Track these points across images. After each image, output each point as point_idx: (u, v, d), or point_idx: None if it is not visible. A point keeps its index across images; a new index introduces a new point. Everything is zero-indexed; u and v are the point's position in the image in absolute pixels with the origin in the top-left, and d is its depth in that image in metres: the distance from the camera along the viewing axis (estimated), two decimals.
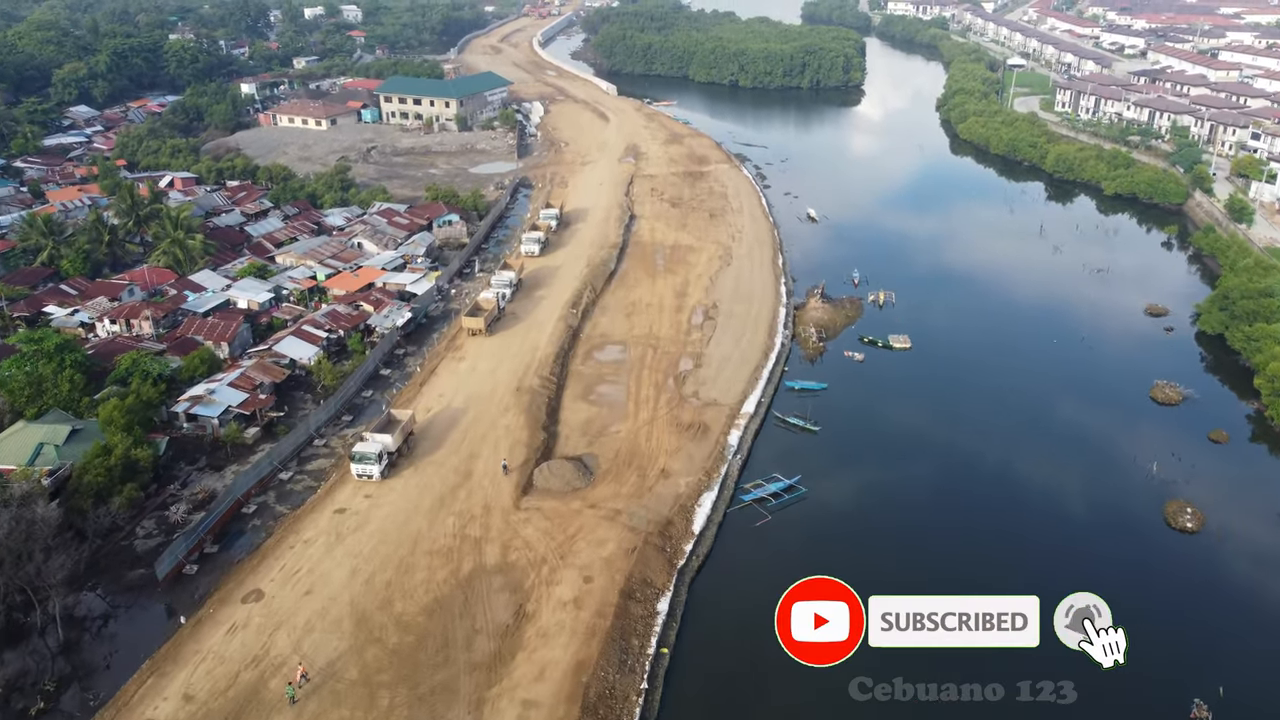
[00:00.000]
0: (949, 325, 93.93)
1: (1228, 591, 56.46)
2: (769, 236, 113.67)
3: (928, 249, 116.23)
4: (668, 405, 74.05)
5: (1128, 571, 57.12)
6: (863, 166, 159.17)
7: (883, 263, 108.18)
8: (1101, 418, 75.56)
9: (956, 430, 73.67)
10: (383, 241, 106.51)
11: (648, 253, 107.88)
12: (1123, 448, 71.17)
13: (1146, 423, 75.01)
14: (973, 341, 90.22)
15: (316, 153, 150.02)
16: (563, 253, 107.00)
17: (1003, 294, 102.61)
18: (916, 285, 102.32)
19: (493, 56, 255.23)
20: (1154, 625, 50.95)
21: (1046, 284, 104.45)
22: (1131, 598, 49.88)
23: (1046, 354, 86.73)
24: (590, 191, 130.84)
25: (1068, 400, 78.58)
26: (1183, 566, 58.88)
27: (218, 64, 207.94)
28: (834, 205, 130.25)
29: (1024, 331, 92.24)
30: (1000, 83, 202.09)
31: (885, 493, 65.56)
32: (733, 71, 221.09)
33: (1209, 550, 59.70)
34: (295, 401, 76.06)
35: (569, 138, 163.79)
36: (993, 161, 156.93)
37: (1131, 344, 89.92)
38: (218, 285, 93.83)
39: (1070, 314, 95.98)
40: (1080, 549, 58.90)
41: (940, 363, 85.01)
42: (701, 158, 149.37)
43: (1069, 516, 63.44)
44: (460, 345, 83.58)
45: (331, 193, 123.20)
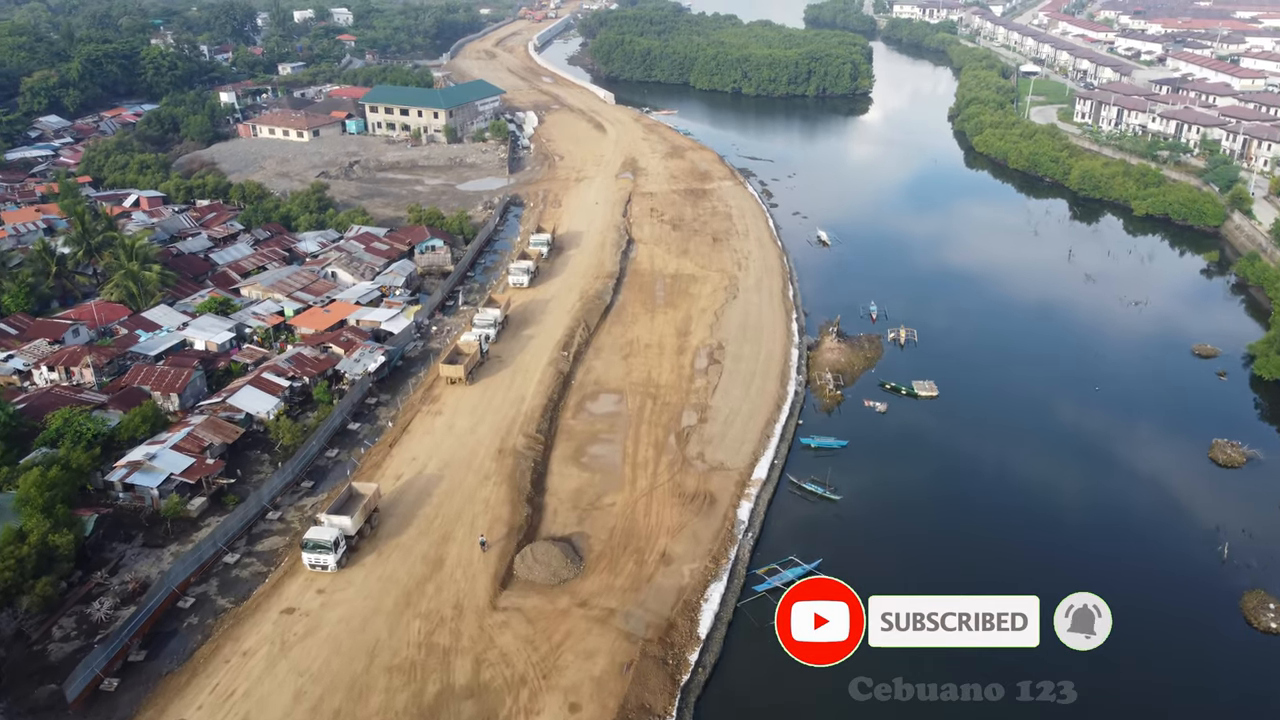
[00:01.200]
0: (977, 368, 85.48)
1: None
2: (778, 264, 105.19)
3: (948, 278, 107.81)
4: (669, 469, 65.63)
5: (1210, 690, 48.64)
6: (874, 182, 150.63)
7: (901, 293, 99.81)
8: (1157, 485, 67.14)
9: (991, 499, 65.21)
10: (359, 270, 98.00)
11: (647, 283, 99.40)
12: (1185, 523, 62.71)
13: (1208, 490, 66.55)
14: (1004, 388, 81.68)
15: (295, 167, 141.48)
16: (554, 283, 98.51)
17: (1034, 331, 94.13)
18: (938, 320, 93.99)
19: (486, 62, 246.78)
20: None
21: (1082, 320, 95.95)
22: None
23: (1088, 405, 78.28)
24: (585, 212, 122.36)
25: (1118, 463, 70.08)
26: (1276, 679, 50.39)
27: (198, 71, 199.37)
28: (846, 226, 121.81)
29: (1062, 377, 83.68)
30: (1015, 91, 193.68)
31: (918, 577, 57.00)
32: (735, 79, 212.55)
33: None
34: (250, 463, 67.62)
35: (564, 150, 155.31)
36: (1011, 177, 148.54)
37: (1181, 393, 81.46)
38: (174, 322, 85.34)
39: (1111, 356, 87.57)
40: (1145, 656, 50.35)
41: (970, 415, 76.52)
42: (704, 173, 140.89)
43: (1127, 613, 54.82)
44: (437, 396, 75.04)
45: (307, 214, 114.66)
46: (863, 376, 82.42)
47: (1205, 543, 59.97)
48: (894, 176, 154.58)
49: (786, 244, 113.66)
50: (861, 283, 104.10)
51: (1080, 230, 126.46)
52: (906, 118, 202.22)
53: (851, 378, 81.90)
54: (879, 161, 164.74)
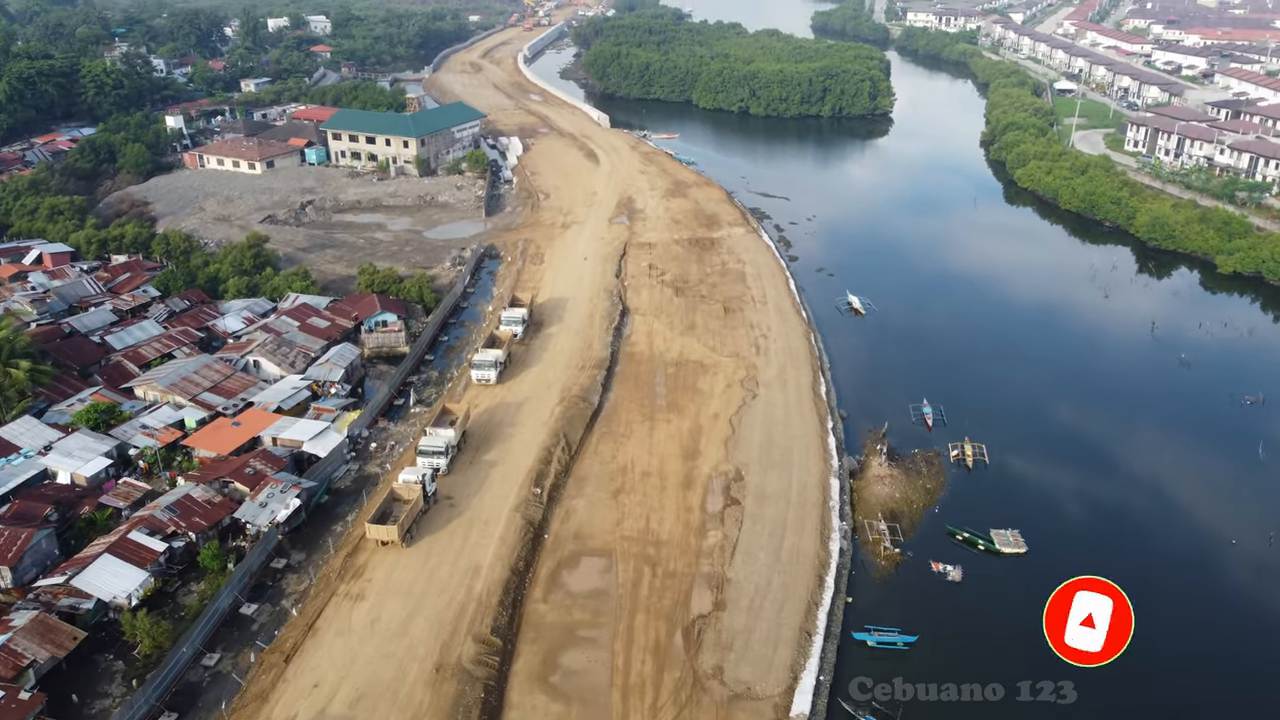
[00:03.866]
0: (1069, 504, 66.59)
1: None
2: (804, 344, 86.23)
3: (1010, 359, 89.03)
4: (675, 696, 46.75)
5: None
6: (907, 227, 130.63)
7: (956, 383, 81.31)
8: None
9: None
10: (288, 359, 79.04)
11: (645, 374, 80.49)
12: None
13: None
14: (1115, 536, 62.69)
15: (239, 208, 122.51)
16: (529, 376, 79.55)
17: (1135, 444, 74.90)
18: (1008, 424, 75.32)
19: (471, 76, 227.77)
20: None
21: (1194, 426, 77.13)
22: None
23: (1269, 575, 59.43)
24: (572, 270, 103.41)
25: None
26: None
27: (149, 89, 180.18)
28: (880, 287, 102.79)
29: (1200, 522, 64.79)
30: (1053, 113, 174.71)
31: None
32: (743, 97, 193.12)
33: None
34: (96, 679, 48.79)
35: (550, 186, 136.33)
36: (1063, 218, 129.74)
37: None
38: (37, 442, 66.51)
39: (1254, 486, 68.66)
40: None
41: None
42: (711, 217, 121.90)
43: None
44: (362, 568, 55.87)
45: (238, 277, 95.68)
46: (924, 518, 63.63)
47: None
48: (929, 220, 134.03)
49: (812, 311, 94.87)
50: (906, 367, 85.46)
51: (1156, 291, 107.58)
52: (934, 143, 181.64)
53: (910, 522, 63.01)
54: (909, 199, 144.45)
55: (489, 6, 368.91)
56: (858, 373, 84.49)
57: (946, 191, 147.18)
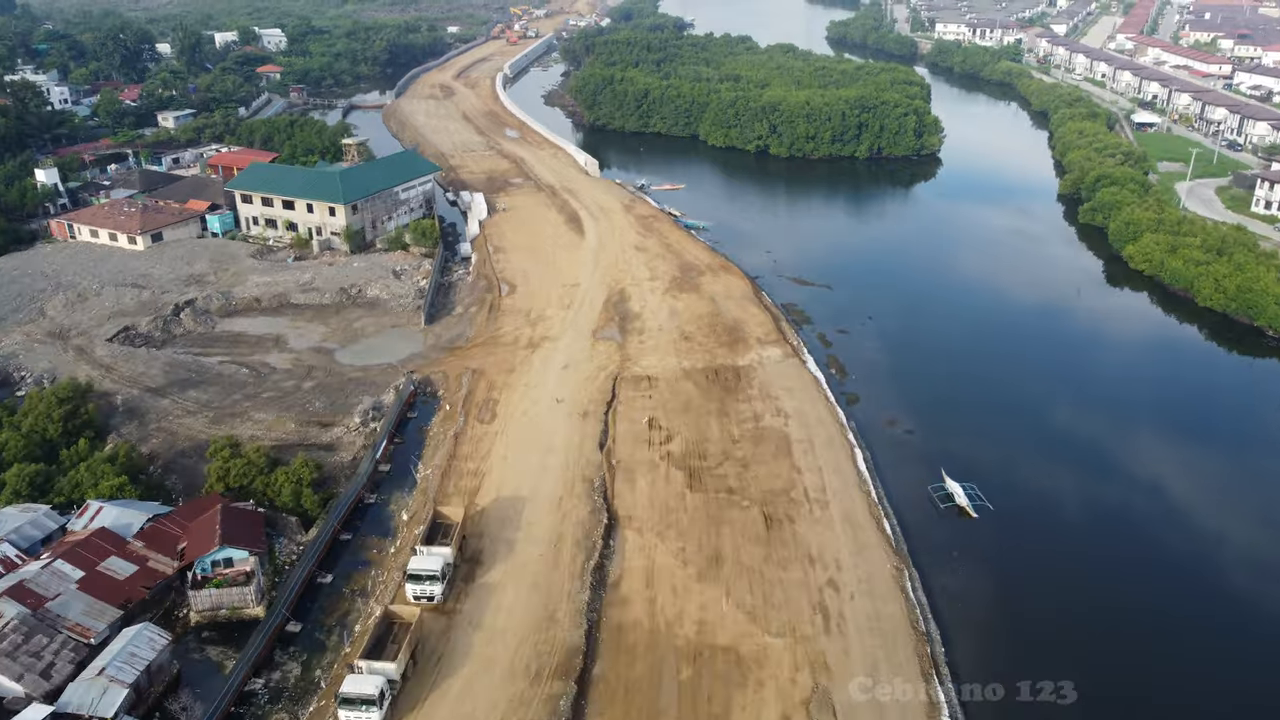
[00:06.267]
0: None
1: None
2: (897, 602, 53.37)
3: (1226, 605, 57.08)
4: None
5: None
6: (1001, 337, 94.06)
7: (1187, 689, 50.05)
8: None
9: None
10: (37, 664, 46.37)
11: (643, 684, 47.81)
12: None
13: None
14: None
15: (88, 315, 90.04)
16: (448, 691, 46.79)
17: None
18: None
19: (438, 103, 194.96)
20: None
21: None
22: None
23: None
24: (536, 432, 70.85)
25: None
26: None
27: (38, 127, 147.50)
28: (992, 457, 70.26)
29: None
30: (1145, 158, 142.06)
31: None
32: (761, 134, 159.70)
33: None
34: None
35: (518, 271, 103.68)
36: (1199, 317, 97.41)
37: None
38: None
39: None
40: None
41: None
42: (734, 328, 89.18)
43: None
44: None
45: (24, 463, 62.89)
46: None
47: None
48: (1026, 322, 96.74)
49: (895, 514, 62.29)
50: (1062, 633, 52.62)
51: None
52: (999, 197, 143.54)
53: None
54: (990, 286, 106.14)
55: (471, 16, 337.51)
56: (987, 652, 51.65)
57: (1036, 272, 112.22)
